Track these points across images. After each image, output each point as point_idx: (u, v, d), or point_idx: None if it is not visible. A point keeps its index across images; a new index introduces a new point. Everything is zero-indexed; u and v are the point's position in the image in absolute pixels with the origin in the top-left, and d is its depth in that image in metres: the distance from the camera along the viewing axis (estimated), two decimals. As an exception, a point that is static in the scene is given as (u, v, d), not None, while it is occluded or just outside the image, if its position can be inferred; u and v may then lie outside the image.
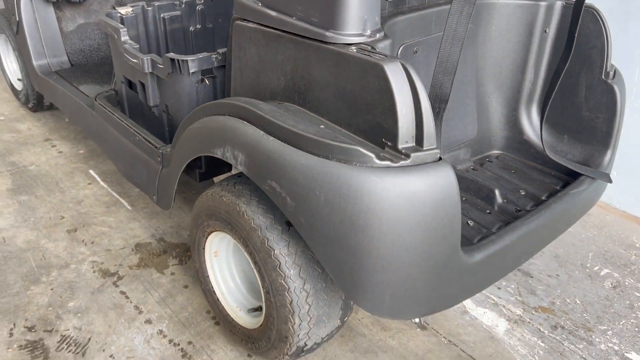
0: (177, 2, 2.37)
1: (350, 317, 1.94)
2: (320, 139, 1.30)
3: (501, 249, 1.51)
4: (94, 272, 2.10)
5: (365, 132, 1.37)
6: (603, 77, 1.87)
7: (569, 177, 1.95)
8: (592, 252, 2.36)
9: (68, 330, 1.85)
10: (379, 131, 1.34)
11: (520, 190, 1.91)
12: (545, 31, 1.96)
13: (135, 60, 1.93)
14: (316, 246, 1.36)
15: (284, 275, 1.45)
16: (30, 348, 1.77)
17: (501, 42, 1.98)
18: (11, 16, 2.80)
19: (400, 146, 1.30)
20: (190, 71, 1.80)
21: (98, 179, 2.67)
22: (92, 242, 2.25)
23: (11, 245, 2.21)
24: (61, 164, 2.77)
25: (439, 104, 1.64)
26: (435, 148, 1.31)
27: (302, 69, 1.49)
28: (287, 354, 1.57)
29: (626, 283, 2.19)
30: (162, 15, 2.35)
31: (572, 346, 1.89)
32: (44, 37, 2.74)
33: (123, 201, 2.51)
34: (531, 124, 2.09)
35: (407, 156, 1.28)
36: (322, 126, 1.43)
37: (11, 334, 1.82)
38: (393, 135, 1.30)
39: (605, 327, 1.98)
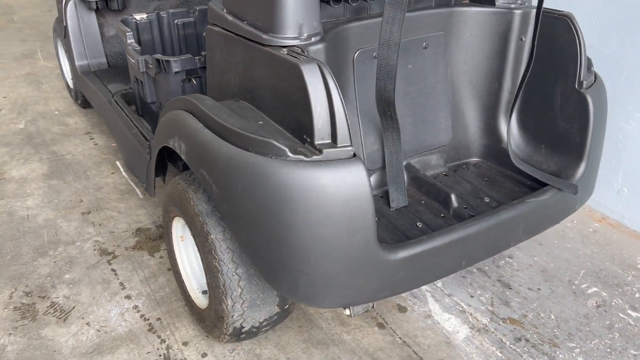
0: (191, 10, 2.58)
1: (305, 308, 2.01)
2: (242, 131, 1.42)
3: (430, 250, 1.54)
4: (94, 250, 2.32)
5: (293, 128, 1.46)
6: (576, 86, 1.83)
7: (542, 187, 1.91)
8: (584, 270, 2.27)
9: (58, 298, 2.07)
10: (301, 128, 1.42)
11: (484, 198, 1.90)
12: (521, 39, 1.95)
13: (133, 61, 2.14)
14: (237, 232, 1.47)
15: (217, 258, 1.57)
16: (22, 310, 2.01)
17: (476, 49, 1.99)
18: (60, 22, 3.14)
19: (316, 142, 1.38)
20: (174, 71, 1.98)
21: (121, 169, 2.93)
22: (100, 224, 2.49)
23: (32, 222, 2.50)
24: (93, 155, 3.07)
25: (386, 106, 1.70)
26: (349, 146, 1.38)
27: (249, 70, 1.61)
28: (226, 333, 1.68)
29: (612, 303, 2.10)
30: (176, 21, 2.56)
31: (530, 359, 1.85)
32: (86, 40, 3.06)
33: (137, 190, 2.74)
34: (510, 132, 2.07)
35: (320, 152, 1.36)
36: (260, 122, 1.54)
37: (11, 297, 2.07)
38: (310, 132, 1.38)
39: (574, 345, 1.91)
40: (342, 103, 1.37)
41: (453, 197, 1.82)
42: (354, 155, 1.39)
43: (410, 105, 1.95)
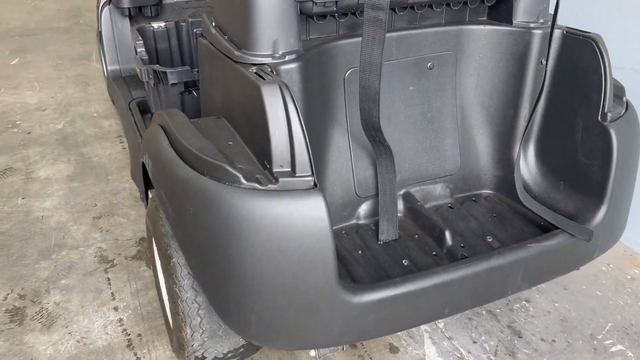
0: None
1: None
2: (199, 153, 1.33)
3: (405, 295, 1.38)
4: (95, 257, 2.32)
5: (258, 152, 1.36)
6: (599, 118, 1.60)
7: (555, 229, 1.70)
8: (612, 323, 2.01)
9: (49, 304, 2.07)
10: (263, 153, 1.32)
11: (487, 237, 1.71)
12: (541, 62, 1.74)
13: (138, 70, 2.12)
14: (189, 259, 1.39)
15: (178, 284, 1.49)
16: (12, 313, 2.03)
17: (490, 72, 1.80)
18: (97, 28, 3.21)
19: (274, 169, 1.27)
20: (170, 82, 1.93)
21: (141, 175, 2.94)
22: (108, 230, 2.49)
23: (45, 223, 2.54)
24: (119, 159, 3.10)
25: (373, 131, 1.57)
26: (309, 175, 1.26)
27: (226, 86, 1.53)
28: (189, 361, 1.60)
29: (638, 366, 1.83)
30: (195, 30, 2.53)
31: (527, 423, 1.64)
32: (119, 46, 3.10)
33: (151, 198, 2.74)
34: (527, 164, 1.86)
35: (276, 180, 1.25)
36: (230, 143, 1.45)
37: (5, 298, 2.10)
38: (269, 158, 1.28)
39: (583, 412, 1.68)
40: (302, 129, 1.25)
41: (447, 234, 1.65)
42: (315, 185, 1.27)
43: (412, 129, 1.79)
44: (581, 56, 1.64)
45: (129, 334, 1.94)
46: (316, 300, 1.30)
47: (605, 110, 1.59)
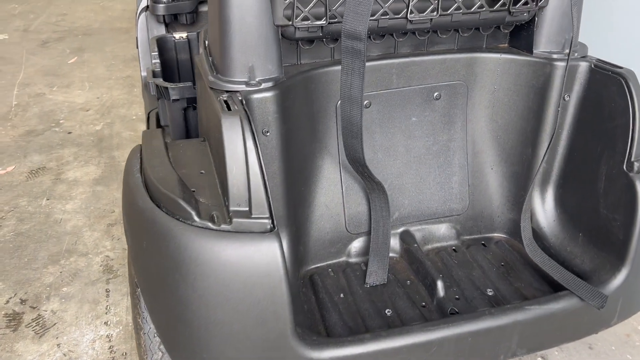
0: None
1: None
2: (157, 184, 1.25)
3: (372, 355, 1.24)
4: (100, 266, 2.32)
5: (223, 186, 1.27)
6: (625, 167, 1.39)
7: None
8: (639, 394, 1.76)
9: (46, 312, 2.08)
10: (223, 188, 1.23)
11: (488, 290, 1.53)
12: (564, 98, 1.54)
13: (148, 82, 2.08)
14: (143, 292, 1.31)
15: (141, 315, 1.43)
16: (11, 318, 2.05)
17: (506, 106, 1.62)
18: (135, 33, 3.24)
19: (231, 208, 1.18)
20: (171, 98, 1.87)
21: (164, 183, 2.93)
22: (119, 239, 2.49)
23: (61, 227, 2.58)
24: (146, 164, 3.12)
25: (360, 167, 1.44)
26: (266, 218, 1.16)
27: (206, 110, 1.45)
28: (153, 394, 1.53)
29: None
30: (217, 41, 2.47)
31: None
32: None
33: (168, 207, 2.72)
34: (544, 210, 1.66)
35: (230, 221, 1.16)
36: (202, 172, 1.37)
37: (7, 302, 2.13)
38: (227, 195, 1.18)
39: None
40: (260, 167, 1.15)
41: (440, 283, 1.49)
42: (272, 229, 1.16)
43: (413, 163, 1.64)
44: (608, 94, 1.44)
45: (114, 352, 1.90)
46: (269, 353, 1.19)
47: (633, 159, 1.38)
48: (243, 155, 1.15)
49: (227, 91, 1.31)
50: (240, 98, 1.28)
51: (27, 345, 1.93)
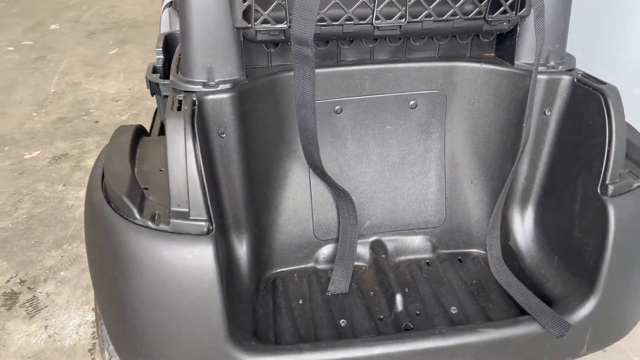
0: None
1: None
2: (108, 179, 1.28)
3: (310, 365, 1.22)
4: (100, 253, 2.39)
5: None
6: (598, 190, 1.31)
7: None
8: None
9: (41, 294, 2.17)
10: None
11: (452, 308, 1.48)
12: (545, 113, 1.46)
13: (145, 77, 2.12)
14: (92, 283, 1.34)
15: (99, 315, 1.46)
16: (8, 297, 2.15)
17: (486, 117, 1.55)
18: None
19: (172, 208, 1.19)
20: (162, 94, 1.90)
21: (176, 176, 2.99)
22: (122, 228, 2.55)
23: (71, 213, 2.68)
24: (162, 157, 3.19)
25: (321, 174, 1.42)
26: (203, 220, 1.16)
27: (173, 108, 1.46)
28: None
29: None
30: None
31: None
32: (175, 48, 3.17)
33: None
34: (523, 229, 1.58)
35: (168, 221, 1.17)
36: (162, 169, 1.38)
37: (8, 281, 2.23)
38: (169, 195, 1.19)
39: None
40: (197, 168, 1.15)
41: (398, 297, 1.44)
42: (209, 232, 1.16)
43: (387, 172, 1.60)
44: (588, 111, 1.35)
45: (96, 338, 1.96)
46: (204, 356, 1.20)
47: (607, 182, 1.29)
48: (184, 156, 1.16)
49: (185, 91, 1.32)
50: (194, 99, 1.28)
51: (18, 325, 2.02)
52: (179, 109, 1.23)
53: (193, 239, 1.14)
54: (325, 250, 1.63)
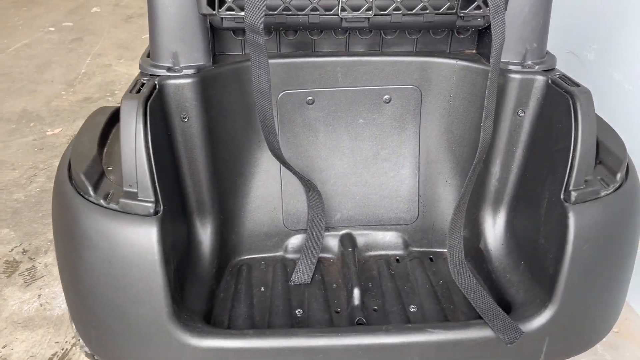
0: None
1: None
2: (72, 157, 1.32)
3: (253, 352, 1.24)
4: (100, 229, 2.48)
5: None
6: (561, 196, 1.26)
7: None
8: None
9: (40, 264, 2.27)
10: (126, 168, 1.28)
11: (411, 306, 1.46)
12: (518, 114, 1.42)
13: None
14: (57, 258, 1.40)
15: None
16: (8, 265, 2.26)
17: (461, 115, 1.51)
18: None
19: (123, 189, 1.22)
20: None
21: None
22: (126, 207, 2.63)
23: (81, 189, 2.78)
24: (176, 140, 3.26)
25: (285, 164, 1.43)
26: (151, 201, 1.19)
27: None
28: None
29: None
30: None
31: None
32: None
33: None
34: (494, 232, 1.54)
35: (118, 200, 1.20)
36: None
37: (12, 250, 2.34)
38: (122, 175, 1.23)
39: None
40: (146, 150, 1.18)
41: (356, 292, 1.44)
42: (156, 213, 1.19)
43: (359, 165, 1.59)
44: (558, 114, 1.30)
45: (84, 310, 2.04)
46: (149, 334, 1.23)
47: (570, 188, 1.25)
48: (134, 138, 1.19)
49: (150, 75, 1.35)
50: (155, 82, 1.31)
51: (14, 292, 2.13)
52: (139, 91, 1.26)
53: (139, 219, 1.18)
54: (295, 240, 1.64)
